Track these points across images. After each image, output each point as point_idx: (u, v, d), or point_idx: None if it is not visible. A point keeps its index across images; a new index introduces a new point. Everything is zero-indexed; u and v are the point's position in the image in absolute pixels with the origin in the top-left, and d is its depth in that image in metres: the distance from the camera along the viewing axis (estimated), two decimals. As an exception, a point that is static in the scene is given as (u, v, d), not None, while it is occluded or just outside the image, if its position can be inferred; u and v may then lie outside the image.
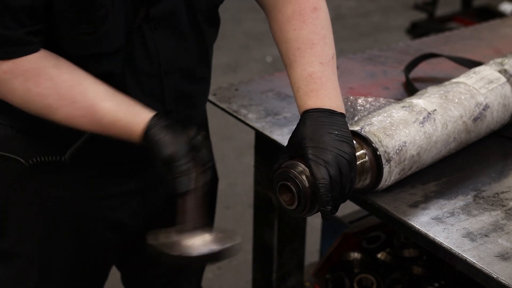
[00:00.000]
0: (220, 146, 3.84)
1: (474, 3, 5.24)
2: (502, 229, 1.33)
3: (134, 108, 1.34)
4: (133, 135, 1.33)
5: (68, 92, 1.31)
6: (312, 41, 1.41)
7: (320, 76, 1.37)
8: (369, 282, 2.05)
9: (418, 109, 1.45)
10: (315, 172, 1.25)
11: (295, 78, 1.40)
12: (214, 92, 1.82)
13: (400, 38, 5.03)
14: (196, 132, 1.33)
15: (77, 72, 1.32)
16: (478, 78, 1.57)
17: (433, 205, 1.39)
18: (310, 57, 1.39)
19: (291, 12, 1.44)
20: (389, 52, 2.11)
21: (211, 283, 2.94)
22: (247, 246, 3.08)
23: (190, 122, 1.55)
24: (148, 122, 1.31)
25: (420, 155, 1.42)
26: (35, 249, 1.58)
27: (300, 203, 1.28)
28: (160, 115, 1.34)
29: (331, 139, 1.28)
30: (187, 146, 1.30)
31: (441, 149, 1.46)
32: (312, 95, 1.35)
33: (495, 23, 2.43)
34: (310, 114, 1.33)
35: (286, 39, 1.43)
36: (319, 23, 1.44)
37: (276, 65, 4.89)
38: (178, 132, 1.31)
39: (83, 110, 1.31)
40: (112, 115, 1.32)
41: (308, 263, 2.32)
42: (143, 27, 1.37)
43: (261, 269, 1.99)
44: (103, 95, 1.33)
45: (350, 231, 2.20)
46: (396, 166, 1.38)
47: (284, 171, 1.30)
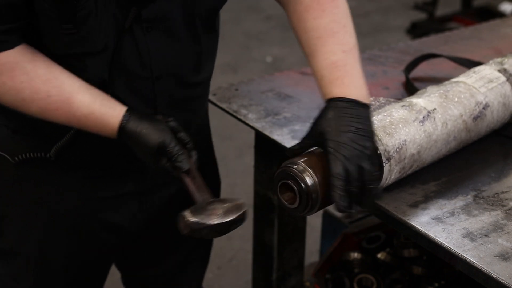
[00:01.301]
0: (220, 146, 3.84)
1: (474, 3, 5.24)
2: (502, 229, 1.33)
3: (109, 102, 1.36)
4: (107, 128, 1.35)
5: (43, 86, 1.32)
6: (332, 29, 1.40)
7: (344, 64, 1.36)
8: (369, 282, 2.06)
9: (418, 108, 1.45)
10: (332, 166, 1.24)
11: (317, 67, 1.38)
12: (214, 92, 1.82)
13: (400, 38, 5.04)
14: (165, 117, 1.39)
15: (52, 67, 1.33)
16: (478, 77, 1.57)
17: (433, 205, 1.39)
18: (332, 46, 1.38)
19: (310, 1, 1.43)
20: (389, 52, 2.11)
21: (211, 283, 2.95)
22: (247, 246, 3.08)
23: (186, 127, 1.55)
24: (123, 115, 1.34)
25: (420, 153, 1.41)
26: (32, 249, 1.58)
27: (301, 201, 1.28)
28: (134, 108, 1.36)
29: (353, 134, 1.27)
30: (169, 131, 1.35)
31: (441, 148, 1.46)
32: (338, 83, 1.34)
33: (495, 23, 2.43)
34: (336, 103, 1.32)
35: (306, 29, 1.42)
36: (338, 11, 1.43)
37: (276, 65, 4.89)
38: (154, 121, 1.36)
39: (57, 103, 1.33)
40: (87, 107, 1.33)
41: (308, 263, 2.32)
42: (135, 29, 1.35)
43: (261, 269, 1.99)
44: (78, 88, 1.34)
45: (350, 231, 2.20)
46: (396, 165, 1.38)
47: (285, 170, 1.29)
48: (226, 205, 1.31)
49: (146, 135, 1.34)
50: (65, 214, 1.54)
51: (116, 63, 1.37)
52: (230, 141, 3.94)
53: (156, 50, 1.39)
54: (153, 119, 1.37)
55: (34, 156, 1.47)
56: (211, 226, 1.27)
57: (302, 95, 1.81)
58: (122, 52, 1.36)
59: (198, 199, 1.34)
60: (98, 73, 1.37)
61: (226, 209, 1.30)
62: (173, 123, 1.39)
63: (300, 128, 1.66)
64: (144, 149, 1.35)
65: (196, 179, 1.37)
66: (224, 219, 1.28)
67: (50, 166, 1.50)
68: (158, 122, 1.37)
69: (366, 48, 2.23)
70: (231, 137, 3.96)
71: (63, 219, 1.55)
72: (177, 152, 1.35)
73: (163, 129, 1.36)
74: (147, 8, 1.34)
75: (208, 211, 1.29)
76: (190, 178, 1.36)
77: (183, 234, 1.29)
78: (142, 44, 1.37)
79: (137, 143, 1.35)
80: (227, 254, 3.14)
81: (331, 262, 2.16)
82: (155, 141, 1.34)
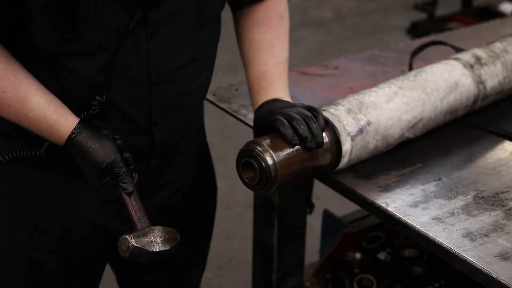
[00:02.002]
0: (220, 146, 3.84)
1: (474, 3, 5.24)
2: (502, 229, 1.33)
3: (63, 110, 1.37)
4: (56, 135, 1.37)
5: (0, 81, 1.32)
6: (272, 44, 1.55)
7: (272, 75, 1.51)
8: (369, 282, 2.05)
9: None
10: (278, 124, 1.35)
11: (250, 76, 1.54)
12: (214, 92, 1.82)
13: (400, 38, 5.03)
14: (113, 134, 1.40)
15: (13, 64, 1.34)
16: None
17: (433, 205, 1.39)
18: (267, 58, 1.54)
19: (261, 16, 1.56)
20: (389, 52, 2.11)
21: (211, 282, 2.94)
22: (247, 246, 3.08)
23: (179, 134, 1.55)
24: (75, 126, 1.36)
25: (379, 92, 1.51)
26: (21, 252, 1.57)
27: (261, 179, 1.34)
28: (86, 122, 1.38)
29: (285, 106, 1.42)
30: (118, 151, 1.38)
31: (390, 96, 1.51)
32: (262, 93, 1.49)
33: (495, 23, 2.43)
34: (262, 105, 1.47)
35: (250, 39, 1.56)
36: (282, 29, 1.58)
37: (276, 65, 4.88)
38: (104, 137, 1.38)
39: (11, 101, 1.33)
40: (40, 111, 1.35)
41: (308, 263, 2.32)
42: (138, 32, 1.34)
43: (261, 269, 1.99)
44: (35, 90, 1.35)
45: (350, 231, 2.20)
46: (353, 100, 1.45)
47: (248, 149, 1.35)
48: (164, 234, 1.36)
49: (94, 152, 1.36)
50: (54, 217, 1.54)
51: (114, 66, 1.36)
52: (230, 141, 3.94)
53: (157, 55, 1.38)
54: (103, 136, 1.39)
55: (25, 155, 1.47)
56: (152, 253, 1.33)
57: (302, 95, 1.81)
58: (121, 55, 1.35)
59: (137, 223, 1.37)
60: (91, 74, 1.36)
61: (164, 238, 1.35)
62: (120, 141, 1.40)
63: (300, 128, 1.66)
64: (91, 165, 1.36)
65: (136, 202, 1.39)
66: (163, 247, 1.34)
67: (40, 167, 1.49)
68: (107, 140, 1.38)
69: (366, 48, 2.23)
70: (231, 137, 3.96)
71: (51, 221, 1.54)
72: (123, 173, 1.37)
73: (112, 148, 1.37)
74: (155, 11, 1.34)
75: (148, 237, 1.34)
76: (131, 200, 1.39)
77: (123, 256, 1.33)
78: (143, 48, 1.36)
79: (83, 157, 1.37)
80: (227, 254, 3.14)
81: (331, 262, 2.16)
82: (103, 159, 1.35)
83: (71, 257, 1.60)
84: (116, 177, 1.37)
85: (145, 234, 1.34)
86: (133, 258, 1.33)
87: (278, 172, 1.33)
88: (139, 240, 1.32)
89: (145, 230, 1.35)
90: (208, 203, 1.80)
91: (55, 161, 1.48)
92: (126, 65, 1.37)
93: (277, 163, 1.33)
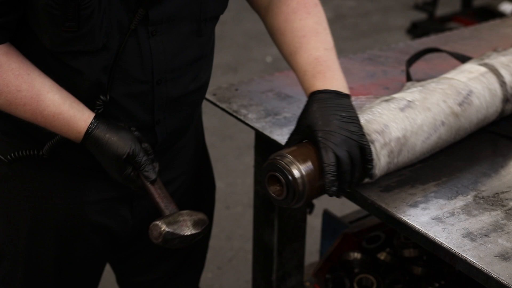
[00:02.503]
0: (220, 146, 3.84)
1: (474, 3, 5.25)
2: (502, 229, 1.33)
3: (79, 105, 1.36)
4: (73, 130, 1.36)
5: (15, 80, 1.32)
6: (316, 30, 1.48)
7: (326, 60, 1.44)
8: (369, 282, 2.05)
9: (398, 98, 1.48)
10: (323, 154, 1.29)
11: (301, 63, 1.45)
12: (214, 92, 1.82)
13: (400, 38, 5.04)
14: (128, 126, 1.41)
15: (26, 63, 1.34)
16: (458, 72, 1.60)
17: (433, 205, 1.39)
18: (315, 43, 1.46)
19: (296, 4, 1.50)
20: (389, 52, 2.11)
21: (211, 282, 2.95)
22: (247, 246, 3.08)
23: (180, 133, 1.55)
24: (92, 121, 1.35)
25: (407, 137, 1.42)
26: (20, 251, 1.57)
27: (288, 193, 1.30)
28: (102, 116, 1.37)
29: (338, 121, 1.32)
30: (137, 141, 1.37)
31: (430, 133, 1.46)
32: (320, 77, 1.41)
33: (495, 23, 2.43)
34: (318, 96, 1.38)
35: (292, 29, 1.49)
36: (321, 15, 1.52)
37: (276, 65, 4.89)
38: (121, 130, 1.37)
39: (26, 99, 1.33)
40: (56, 107, 1.34)
41: (308, 263, 2.32)
42: (139, 31, 1.35)
43: (261, 269, 1.99)
44: (49, 87, 1.34)
45: (350, 231, 2.20)
46: (382, 148, 1.38)
47: (273, 162, 1.31)
48: (193, 217, 1.37)
49: (114, 144, 1.35)
50: (52, 216, 1.54)
51: (117, 65, 1.36)
52: (230, 141, 3.94)
53: (159, 54, 1.39)
54: (120, 128, 1.38)
55: (27, 155, 1.47)
56: (183, 236, 1.34)
57: (302, 95, 1.80)
58: (124, 54, 1.36)
59: (164, 209, 1.38)
60: (95, 74, 1.36)
61: (194, 221, 1.36)
62: (137, 133, 1.40)
63: (300, 128, 1.66)
64: (111, 157, 1.36)
65: (161, 190, 1.40)
66: (195, 230, 1.35)
67: (41, 167, 1.49)
68: (125, 131, 1.38)
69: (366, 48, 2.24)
70: (231, 137, 3.96)
71: (51, 221, 1.54)
72: (145, 162, 1.37)
73: (131, 139, 1.37)
74: (154, 10, 1.34)
75: (179, 222, 1.35)
76: (156, 188, 1.39)
77: (155, 243, 1.33)
78: (145, 47, 1.37)
79: (102, 151, 1.36)
80: (227, 254, 3.14)
81: (331, 262, 2.16)
82: (123, 150, 1.35)
83: (70, 257, 1.60)
84: (138, 167, 1.37)
85: (174, 218, 1.34)
86: (165, 244, 1.33)
87: (306, 186, 1.29)
88: (170, 225, 1.33)
89: (174, 215, 1.35)
90: (206, 202, 1.80)
91: (56, 162, 1.49)
92: (129, 64, 1.37)
93: (305, 176, 1.29)
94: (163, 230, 1.32)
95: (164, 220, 1.34)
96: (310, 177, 1.30)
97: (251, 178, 1.94)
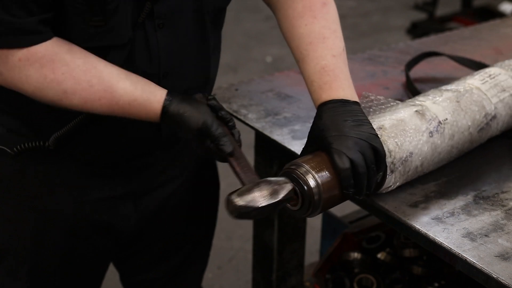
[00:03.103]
0: (220, 146, 3.84)
1: (474, 3, 5.25)
2: (502, 229, 1.33)
3: (150, 86, 1.35)
4: (150, 113, 1.34)
5: (84, 76, 1.31)
6: (323, 35, 1.43)
7: (333, 69, 1.40)
8: (369, 282, 2.06)
9: (430, 116, 1.42)
10: (336, 159, 1.26)
11: (308, 72, 1.42)
12: (214, 92, 1.82)
13: (400, 38, 5.04)
14: (205, 96, 1.37)
15: (90, 56, 1.33)
16: (492, 84, 1.54)
17: (433, 205, 1.39)
18: (322, 51, 1.42)
19: (302, 7, 1.46)
20: (389, 52, 2.11)
21: (211, 283, 2.95)
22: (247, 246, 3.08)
23: None
24: (164, 99, 1.33)
25: (424, 166, 1.41)
26: (24, 249, 1.57)
27: (303, 204, 1.28)
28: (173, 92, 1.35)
29: (349, 125, 1.30)
30: (211, 112, 1.35)
31: (443, 159, 1.46)
32: (326, 88, 1.38)
33: (495, 23, 2.43)
34: (326, 106, 1.35)
35: (298, 35, 1.45)
36: (329, 17, 1.46)
37: (276, 65, 4.89)
38: (196, 102, 1.35)
39: (100, 93, 1.32)
40: (129, 95, 1.32)
41: (308, 263, 2.32)
42: (146, 24, 1.36)
43: (261, 269, 1.99)
44: (118, 76, 1.33)
45: (350, 231, 2.20)
46: (400, 177, 1.38)
47: (288, 172, 1.29)
48: (272, 186, 1.28)
49: (187, 118, 1.33)
50: (57, 214, 1.54)
51: (126, 58, 1.37)
52: (230, 141, 3.94)
53: (166, 46, 1.39)
54: (194, 100, 1.36)
55: (33, 146, 1.46)
56: (259, 208, 1.26)
57: (302, 95, 1.81)
58: (134, 47, 1.36)
59: (244, 180, 1.33)
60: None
61: (272, 190, 1.28)
62: (213, 101, 1.37)
63: (300, 128, 1.66)
64: (188, 131, 1.34)
65: (240, 160, 1.35)
66: (271, 200, 1.27)
67: (47, 163, 1.49)
68: (198, 103, 1.35)
69: (366, 48, 2.24)
70: (231, 137, 3.96)
71: (54, 219, 1.54)
72: (219, 134, 1.33)
73: (204, 111, 1.34)
74: (160, 3, 1.35)
75: (254, 192, 1.27)
76: (235, 159, 1.35)
77: (232, 217, 1.28)
78: (152, 39, 1.38)
79: (179, 126, 1.34)
80: (227, 254, 3.14)
81: (331, 262, 2.16)
82: (196, 123, 1.32)
83: (75, 254, 1.60)
84: (213, 140, 1.33)
85: (249, 190, 1.28)
86: (242, 217, 1.27)
87: (321, 195, 1.27)
88: (243, 198, 1.26)
89: (249, 186, 1.29)
90: (210, 200, 1.80)
91: (60, 158, 1.49)
92: (138, 57, 1.38)
93: (320, 185, 1.27)
94: (235, 204, 1.26)
95: (238, 192, 1.28)
96: (326, 186, 1.27)
97: (251, 178, 1.94)
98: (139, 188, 1.57)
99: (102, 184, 1.53)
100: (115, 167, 1.52)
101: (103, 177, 1.53)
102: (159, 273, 1.77)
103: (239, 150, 1.36)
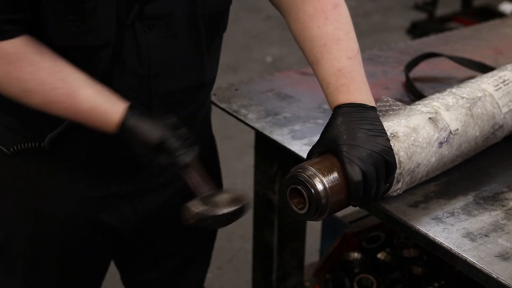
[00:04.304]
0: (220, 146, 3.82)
1: (474, 3, 5.25)
2: (502, 229, 1.33)
3: (112, 97, 1.36)
4: (109, 123, 1.35)
5: (49, 78, 1.32)
6: (337, 36, 1.41)
7: (349, 71, 1.37)
8: (369, 282, 2.06)
9: (442, 125, 1.41)
10: (348, 169, 1.25)
11: (323, 74, 1.39)
12: (214, 92, 1.82)
13: (400, 38, 5.04)
14: (166, 115, 1.39)
15: (58, 60, 1.34)
16: (505, 92, 1.52)
17: (433, 205, 1.39)
18: (337, 53, 1.39)
19: (313, 10, 1.43)
20: (389, 52, 2.11)
21: (211, 282, 2.94)
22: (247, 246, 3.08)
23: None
24: (125, 112, 1.34)
25: (429, 174, 1.41)
26: (21, 247, 1.57)
27: (310, 207, 1.27)
28: (135, 105, 1.36)
29: (364, 135, 1.28)
30: (169, 127, 1.36)
31: (447, 167, 1.46)
32: (343, 90, 1.35)
33: (495, 23, 2.43)
34: (343, 109, 1.33)
35: (311, 37, 1.42)
36: (342, 19, 1.44)
37: (276, 65, 4.89)
38: (154, 118, 1.36)
39: (61, 97, 1.33)
40: (91, 102, 1.33)
41: (308, 263, 2.32)
42: (136, 25, 1.35)
43: (261, 269, 1.99)
44: (83, 82, 1.34)
45: (350, 231, 2.20)
46: (405, 187, 1.38)
47: (295, 175, 1.28)
48: (229, 196, 1.32)
49: (145, 132, 1.34)
50: (54, 214, 1.54)
51: (115, 59, 1.37)
52: (230, 141, 3.94)
53: (156, 47, 1.39)
54: (153, 116, 1.37)
55: (29, 147, 1.47)
56: (216, 216, 1.29)
57: (302, 95, 1.81)
58: (122, 48, 1.36)
59: (200, 191, 1.35)
60: (100, 68, 1.36)
61: (229, 200, 1.31)
62: (173, 119, 1.38)
63: (300, 128, 1.66)
64: (144, 145, 1.35)
65: (198, 172, 1.36)
66: (228, 209, 1.30)
67: (43, 162, 1.50)
68: (158, 119, 1.37)
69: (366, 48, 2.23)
70: (231, 137, 3.96)
71: (52, 218, 1.54)
72: (175, 147, 1.34)
73: (163, 126, 1.35)
74: (150, 5, 1.34)
75: (212, 202, 1.31)
76: (191, 172, 1.36)
77: (188, 224, 1.31)
78: (142, 40, 1.37)
79: (136, 140, 1.35)
80: (227, 254, 3.14)
81: (331, 262, 2.16)
82: (154, 137, 1.33)
83: (73, 254, 1.60)
84: (169, 152, 1.34)
85: (207, 198, 1.32)
86: (199, 224, 1.30)
87: (329, 199, 1.25)
88: (200, 206, 1.30)
89: (206, 195, 1.33)
90: None
91: (57, 158, 1.49)
92: (127, 58, 1.38)
93: (328, 189, 1.25)
94: (192, 210, 1.29)
95: (196, 200, 1.31)
96: (333, 190, 1.26)
97: (251, 178, 1.94)
98: (138, 188, 1.57)
99: (99, 184, 1.53)
100: (112, 167, 1.52)
101: (100, 177, 1.52)
102: (160, 273, 1.77)
103: (197, 164, 1.37)
